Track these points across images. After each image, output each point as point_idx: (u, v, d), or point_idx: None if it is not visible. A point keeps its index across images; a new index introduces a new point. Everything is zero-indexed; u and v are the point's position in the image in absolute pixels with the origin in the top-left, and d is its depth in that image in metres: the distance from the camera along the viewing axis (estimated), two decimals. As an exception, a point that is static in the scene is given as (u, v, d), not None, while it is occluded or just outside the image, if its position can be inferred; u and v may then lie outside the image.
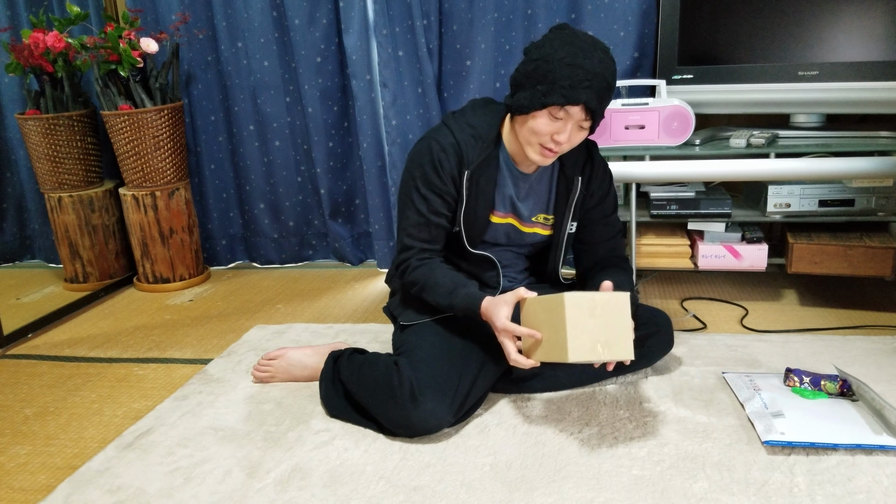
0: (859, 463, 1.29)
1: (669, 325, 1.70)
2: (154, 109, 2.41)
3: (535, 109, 1.38)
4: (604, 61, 1.36)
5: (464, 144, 1.49)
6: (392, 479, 1.32)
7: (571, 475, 1.30)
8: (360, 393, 1.52)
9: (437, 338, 1.53)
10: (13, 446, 1.55)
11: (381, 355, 1.59)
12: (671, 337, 1.70)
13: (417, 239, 1.55)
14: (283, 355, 1.75)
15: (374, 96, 2.46)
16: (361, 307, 2.30)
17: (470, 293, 1.46)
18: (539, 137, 1.41)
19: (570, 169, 1.57)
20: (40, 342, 2.16)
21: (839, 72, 1.97)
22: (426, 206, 1.52)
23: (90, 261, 2.59)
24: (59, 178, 2.52)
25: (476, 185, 1.52)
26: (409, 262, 1.56)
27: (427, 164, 1.50)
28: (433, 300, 1.52)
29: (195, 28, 2.55)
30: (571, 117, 1.38)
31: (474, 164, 1.50)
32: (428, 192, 1.51)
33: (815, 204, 2.04)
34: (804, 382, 1.53)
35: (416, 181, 1.52)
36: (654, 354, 1.69)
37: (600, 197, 1.63)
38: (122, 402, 1.72)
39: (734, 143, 1.99)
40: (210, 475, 1.37)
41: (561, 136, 1.40)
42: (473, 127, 1.51)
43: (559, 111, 1.37)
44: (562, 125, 1.39)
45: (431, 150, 1.50)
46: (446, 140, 1.50)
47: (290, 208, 2.72)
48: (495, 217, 1.58)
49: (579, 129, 1.41)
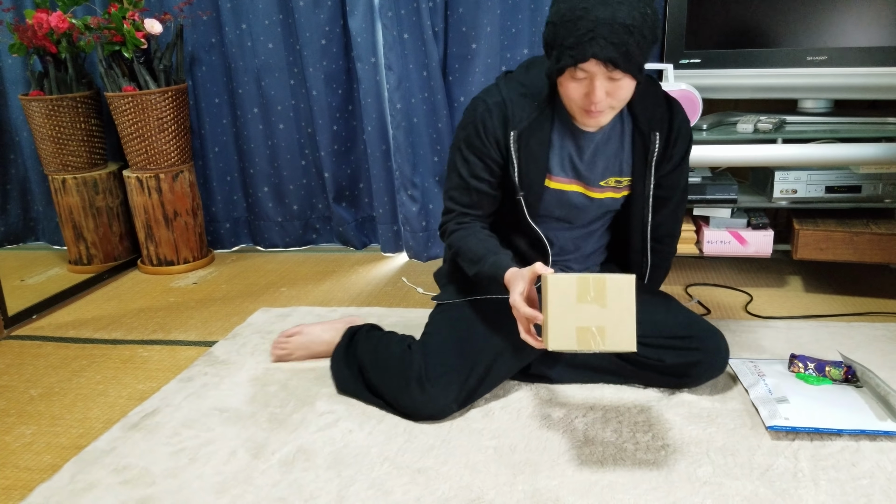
0: (863, 448, 1.29)
1: (719, 352, 1.48)
2: (158, 91, 2.40)
3: (558, 76, 1.29)
4: (610, 2, 1.20)
5: (510, 104, 1.39)
6: (396, 460, 1.33)
7: (575, 458, 1.30)
8: (372, 371, 1.53)
9: (460, 325, 1.49)
10: (19, 426, 1.56)
11: (397, 335, 1.60)
12: (721, 366, 1.49)
13: (458, 203, 1.48)
14: (300, 331, 1.76)
15: (379, 79, 2.45)
16: (365, 291, 2.30)
17: (497, 262, 1.37)
18: (575, 101, 1.31)
19: (644, 124, 1.42)
20: (45, 323, 2.16)
21: (848, 57, 1.95)
22: (467, 169, 1.45)
23: (94, 243, 2.60)
24: (63, 160, 2.52)
25: (526, 146, 1.40)
26: (447, 224, 1.50)
27: (470, 126, 1.42)
28: (464, 265, 1.46)
29: (199, 9, 2.54)
30: (594, 74, 1.25)
31: (524, 124, 1.39)
32: (470, 154, 1.44)
33: (821, 190, 2.03)
34: (808, 368, 1.53)
35: (459, 142, 1.45)
36: (693, 382, 1.51)
37: (675, 163, 1.47)
38: (127, 384, 1.73)
39: (741, 129, 1.98)
40: (215, 456, 1.37)
41: (595, 95, 1.27)
42: (524, 85, 1.40)
43: (577, 72, 1.26)
44: (588, 84, 1.27)
45: (476, 111, 1.41)
46: (492, 99, 1.40)
47: (294, 192, 2.71)
48: (554, 182, 1.45)
49: (612, 81, 1.27)
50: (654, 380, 1.52)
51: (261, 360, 1.78)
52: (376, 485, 1.26)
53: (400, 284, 2.35)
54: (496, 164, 1.44)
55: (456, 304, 1.56)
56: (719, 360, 1.48)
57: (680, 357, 1.47)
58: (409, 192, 2.48)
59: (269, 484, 1.28)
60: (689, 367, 1.47)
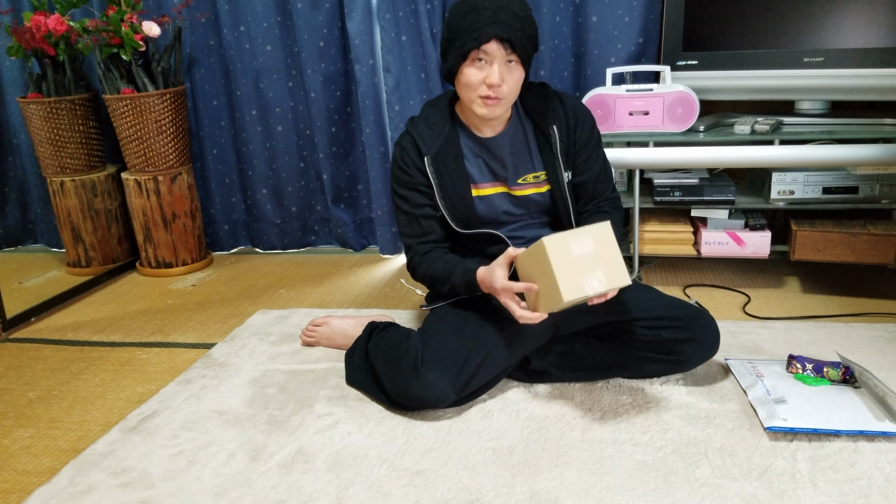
0: (861, 449, 1.30)
1: (709, 328, 1.54)
2: (156, 93, 2.40)
3: (459, 64, 1.42)
4: None
5: (419, 136, 1.55)
6: (395, 462, 1.33)
7: (574, 460, 1.31)
8: (374, 360, 1.57)
9: (454, 317, 1.55)
10: (17, 429, 1.56)
11: (403, 328, 1.66)
12: (712, 343, 1.54)
13: (411, 236, 1.61)
14: (327, 322, 1.85)
15: (377, 81, 2.45)
16: (364, 292, 2.30)
17: (466, 268, 1.49)
18: (475, 90, 1.43)
19: (541, 120, 1.56)
20: (43, 326, 2.16)
21: (844, 58, 1.96)
22: (407, 203, 1.58)
23: (93, 245, 2.59)
24: (62, 163, 2.52)
25: (443, 165, 1.55)
26: (412, 262, 1.62)
27: (394, 166, 1.58)
28: (440, 288, 1.57)
29: (197, 11, 2.54)
30: (493, 57, 1.40)
31: (435, 149, 1.54)
32: (403, 189, 1.58)
33: (818, 191, 2.04)
34: (807, 369, 1.53)
35: (393, 186, 1.60)
36: (689, 362, 1.56)
37: (583, 146, 1.58)
38: (126, 386, 1.73)
39: (738, 130, 1.99)
40: (214, 458, 1.37)
41: (491, 78, 1.40)
42: (426, 118, 1.57)
43: (478, 54, 1.40)
44: (488, 68, 1.41)
45: (395, 154, 1.58)
46: (404, 139, 1.57)
47: (293, 193, 2.71)
48: (480, 190, 1.58)
49: (508, 65, 1.42)
50: (651, 366, 1.55)
51: (259, 363, 1.78)
52: (375, 487, 1.26)
53: (398, 286, 2.35)
54: (427, 188, 1.57)
55: (446, 305, 1.61)
56: (710, 335, 1.54)
57: (675, 333, 1.52)
58: (408, 194, 2.48)
59: (268, 486, 1.28)
60: (683, 342, 1.52)
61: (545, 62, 2.32)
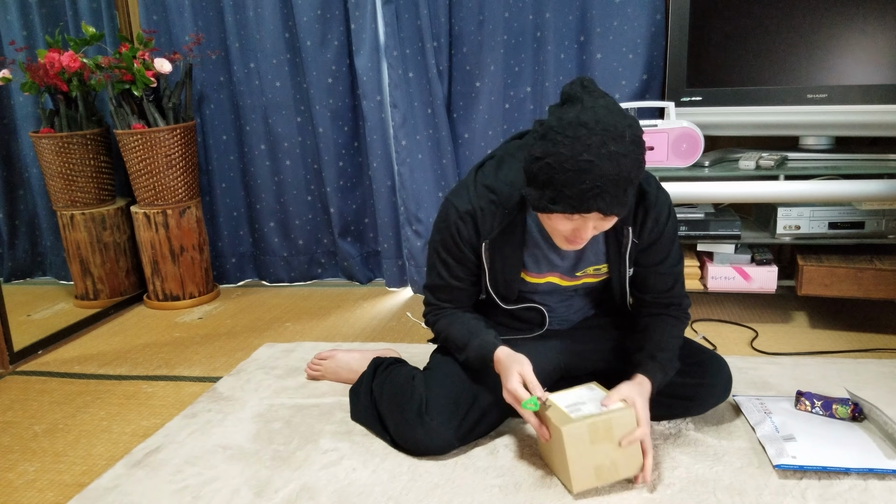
0: (871, 488, 1.28)
1: (721, 372, 1.51)
2: (167, 129, 2.44)
3: (546, 212, 1.24)
4: (615, 157, 1.16)
5: (480, 213, 1.38)
6: (400, 499, 1.32)
7: (581, 497, 1.29)
8: (379, 401, 1.55)
9: None
10: (22, 463, 1.55)
11: (408, 366, 1.63)
12: (724, 388, 1.51)
13: (439, 299, 1.51)
14: (333, 356, 1.84)
15: (385, 117, 2.48)
16: (370, 326, 2.30)
17: (484, 342, 1.40)
18: (560, 234, 1.29)
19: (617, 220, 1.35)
20: (50, 359, 2.17)
21: (848, 95, 1.97)
22: (447, 271, 1.46)
23: (101, 278, 2.61)
24: (72, 196, 2.55)
25: (499, 251, 1.42)
26: (429, 316, 1.54)
27: (445, 231, 1.42)
28: (452, 348, 1.49)
29: (208, 49, 2.58)
30: (588, 218, 1.23)
31: (494, 233, 1.39)
32: (448, 257, 1.45)
33: (824, 226, 2.04)
34: (815, 406, 1.52)
35: (437, 245, 1.46)
36: (700, 406, 1.53)
37: (649, 242, 1.43)
38: (131, 420, 1.72)
39: (743, 165, 2.00)
40: (218, 494, 1.36)
41: (583, 233, 1.26)
42: (494, 191, 1.37)
43: (573, 215, 1.23)
44: (581, 223, 1.24)
45: (448, 218, 1.41)
46: (462, 207, 1.39)
47: (300, 227, 2.73)
48: (530, 277, 1.47)
49: (603, 220, 1.25)
50: (660, 410, 1.51)
51: (265, 397, 1.78)
52: (380, 524, 1.25)
53: (404, 319, 2.35)
54: (474, 264, 1.45)
55: None
56: (723, 379, 1.51)
57: (686, 377, 1.49)
58: (414, 228, 2.50)
59: (273, 523, 1.27)
60: (695, 388, 1.49)
61: (550, 98, 2.35)
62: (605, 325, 1.60)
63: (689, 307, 1.52)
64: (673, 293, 1.49)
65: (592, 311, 1.63)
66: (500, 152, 1.44)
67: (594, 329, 1.60)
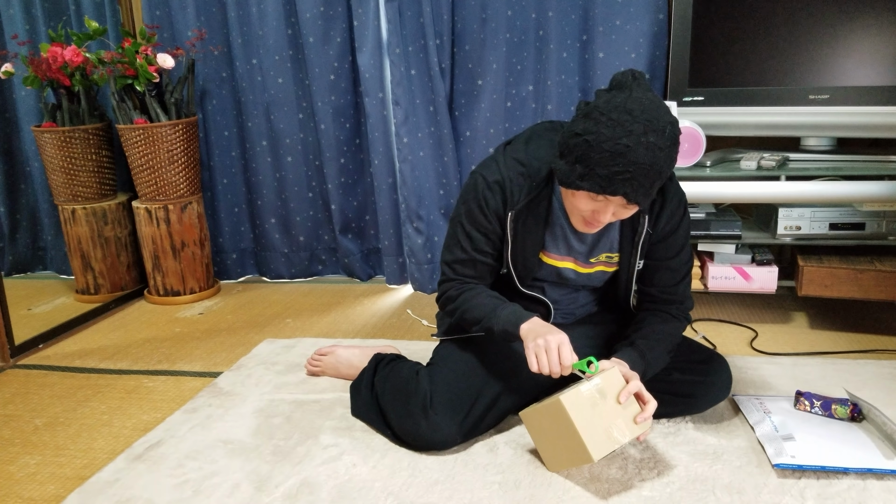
0: (870, 487, 1.28)
1: (722, 371, 1.52)
2: (169, 124, 2.44)
3: (572, 188, 1.27)
4: (652, 148, 1.19)
5: (509, 182, 1.39)
6: (400, 495, 1.32)
7: (580, 496, 1.30)
8: (382, 397, 1.55)
9: (466, 356, 1.51)
10: (23, 456, 1.56)
11: (409, 363, 1.63)
12: (725, 386, 1.52)
13: (460, 274, 1.49)
14: (333, 352, 1.84)
15: (386, 114, 2.49)
16: (370, 322, 2.31)
17: (517, 309, 1.39)
18: (580, 212, 1.31)
19: None
20: (51, 353, 2.17)
21: (850, 96, 1.97)
22: (470, 244, 1.46)
23: (102, 272, 2.61)
24: (74, 191, 2.55)
25: (523, 225, 1.43)
26: (448, 291, 1.50)
27: (472, 201, 1.42)
28: (473, 318, 1.45)
29: (211, 45, 2.58)
30: (612, 202, 1.26)
31: (520, 205, 1.40)
32: (472, 229, 1.44)
33: (825, 227, 2.04)
34: (815, 406, 1.53)
35: (461, 217, 1.46)
36: (700, 405, 1.53)
37: (663, 235, 1.45)
38: (132, 414, 1.73)
39: (744, 166, 2.00)
40: (219, 488, 1.37)
41: (602, 216, 1.28)
42: (523, 164, 1.40)
43: (598, 195, 1.26)
44: (603, 206, 1.27)
45: (477, 188, 1.41)
46: (492, 177, 1.40)
47: (301, 223, 2.73)
48: (549, 258, 1.48)
49: (624, 208, 1.28)
50: (660, 406, 1.50)
51: (265, 392, 1.78)
52: (380, 520, 1.25)
53: (405, 316, 2.35)
54: (498, 237, 1.45)
55: (459, 339, 1.57)
56: (723, 378, 1.51)
57: (687, 375, 1.50)
58: (415, 225, 2.50)
59: (273, 518, 1.27)
60: (695, 385, 1.51)
61: (552, 97, 2.35)
62: (606, 322, 1.62)
63: (691, 309, 1.53)
64: (677, 290, 1.50)
65: (596, 307, 1.65)
66: (527, 132, 1.46)
67: (596, 325, 1.61)
